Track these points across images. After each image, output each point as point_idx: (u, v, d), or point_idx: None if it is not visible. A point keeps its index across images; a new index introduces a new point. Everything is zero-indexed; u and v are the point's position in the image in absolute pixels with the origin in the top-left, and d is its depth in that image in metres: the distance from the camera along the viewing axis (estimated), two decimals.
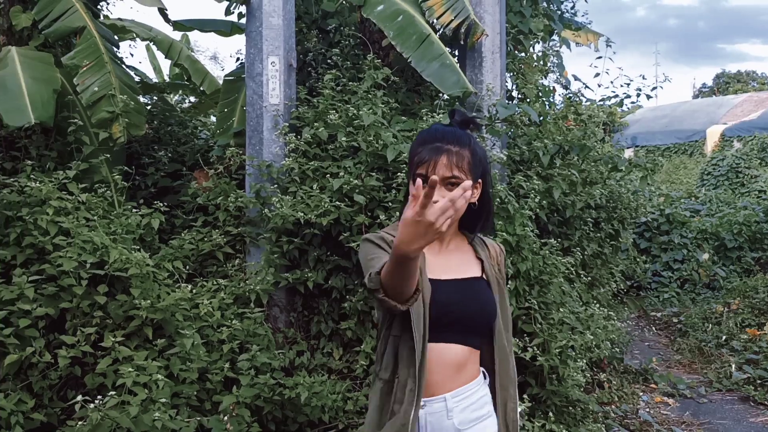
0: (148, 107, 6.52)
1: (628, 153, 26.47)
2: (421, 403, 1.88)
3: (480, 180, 1.97)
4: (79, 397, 3.07)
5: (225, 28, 6.66)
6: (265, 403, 3.80)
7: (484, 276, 2.02)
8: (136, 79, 6.36)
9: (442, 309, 1.90)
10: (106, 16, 6.35)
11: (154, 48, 9.03)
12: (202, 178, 5.50)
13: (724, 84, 47.61)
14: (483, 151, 1.99)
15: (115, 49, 5.30)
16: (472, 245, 2.07)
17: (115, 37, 5.70)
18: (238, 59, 6.30)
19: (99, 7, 5.71)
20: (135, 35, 7.26)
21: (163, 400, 3.20)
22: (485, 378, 2.05)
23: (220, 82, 7.81)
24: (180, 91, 8.83)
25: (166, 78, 9.26)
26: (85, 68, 4.81)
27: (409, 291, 1.67)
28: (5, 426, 3.15)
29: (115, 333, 3.57)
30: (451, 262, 2.00)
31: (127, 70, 5.46)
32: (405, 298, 1.68)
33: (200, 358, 3.66)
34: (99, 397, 3.09)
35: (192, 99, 8.36)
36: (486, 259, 2.04)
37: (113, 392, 3.11)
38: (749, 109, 26.68)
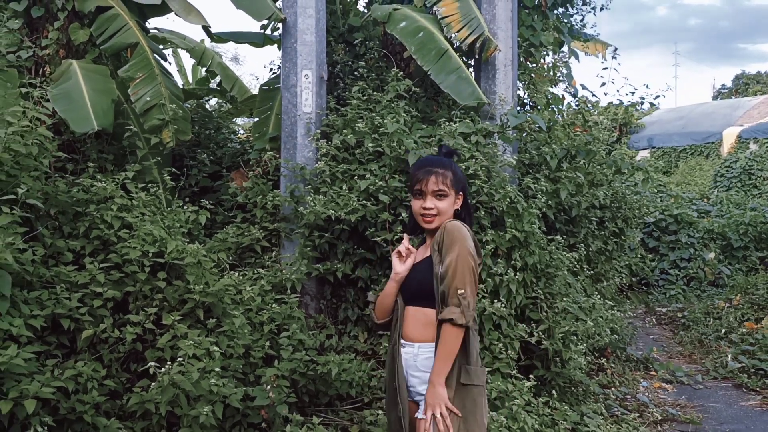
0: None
1: (645, 154, 26.78)
2: (402, 344, 2.65)
3: (461, 192, 2.70)
4: (152, 364, 3.62)
5: (258, 40, 7.23)
6: (300, 377, 4.33)
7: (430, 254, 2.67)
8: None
9: (407, 285, 2.70)
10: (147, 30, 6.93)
11: (180, 52, 9.63)
12: (239, 179, 6.06)
13: (744, 85, 47.51)
14: (462, 172, 2.74)
15: (163, 62, 5.85)
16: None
17: (163, 51, 6.25)
18: (271, 70, 6.86)
19: (147, 23, 6.26)
20: (174, 45, 7.85)
21: (217, 369, 3.74)
22: None
23: (246, 85, 8.38)
24: (212, 96, 9.39)
25: (189, 80, 9.84)
26: (138, 80, 5.38)
27: None
28: (83, 390, 3.69)
29: (171, 314, 4.11)
30: (420, 254, 2.74)
31: (173, 80, 6.00)
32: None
33: (245, 336, 4.19)
34: (168, 363, 3.64)
35: (225, 104, 8.90)
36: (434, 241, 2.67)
37: (178, 360, 3.65)
38: (766, 111, 26.82)
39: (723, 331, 7.74)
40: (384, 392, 2.70)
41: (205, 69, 8.36)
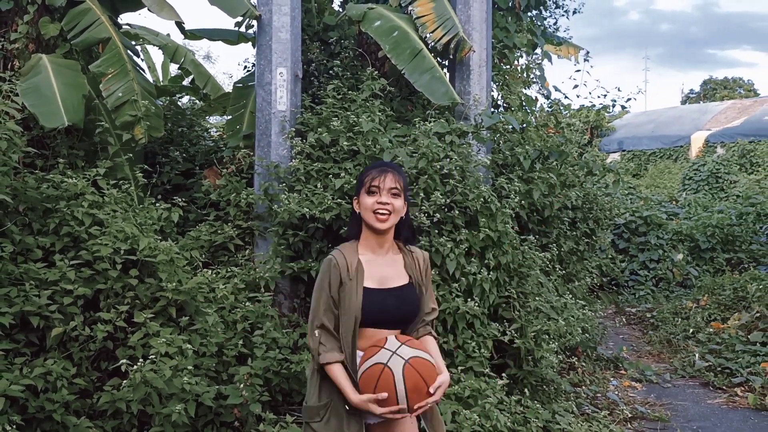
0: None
1: (615, 157, 27.14)
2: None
3: (406, 201, 2.67)
4: (124, 361, 3.58)
5: (232, 38, 7.18)
6: (273, 376, 4.30)
7: (411, 282, 2.67)
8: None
9: (381, 312, 2.57)
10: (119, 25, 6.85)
11: (150, 49, 9.51)
12: (212, 177, 6.02)
13: (711, 90, 48.40)
14: (406, 177, 2.72)
15: (135, 58, 5.79)
16: (402, 255, 2.71)
17: (135, 46, 6.18)
18: (245, 67, 6.82)
19: (119, 18, 6.19)
20: (146, 41, 7.77)
21: (190, 367, 3.71)
22: None
23: (220, 83, 8.30)
24: (184, 94, 9.29)
25: (160, 77, 9.72)
26: (110, 75, 5.32)
27: None
28: (52, 389, 3.63)
29: (143, 312, 4.06)
30: (386, 273, 2.63)
31: (146, 77, 5.93)
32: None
33: (218, 334, 4.16)
34: (140, 360, 3.60)
35: (198, 102, 8.82)
36: (411, 268, 2.69)
37: (151, 357, 3.61)
38: (732, 116, 27.37)
39: (690, 330, 7.86)
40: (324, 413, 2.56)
41: (177, 66, 8.27)
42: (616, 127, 28.98)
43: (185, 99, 9.37)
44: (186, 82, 8.62)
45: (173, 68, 11.10)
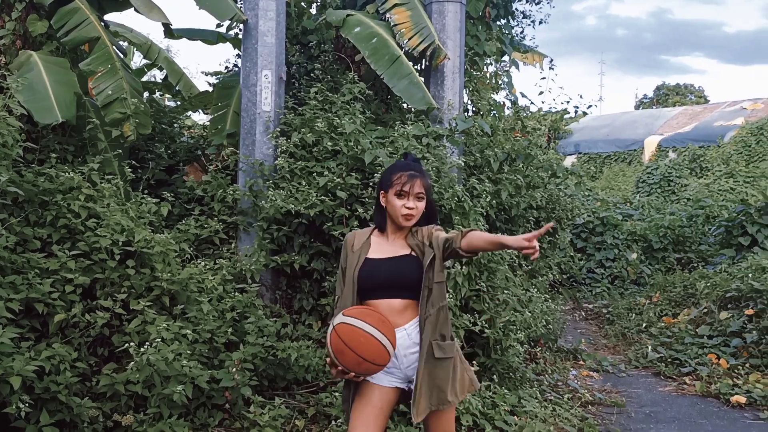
0: None
1: (571, 160, 27.86)
2: None
3: (430, 196, 3.03)
4: (131, 344, 3.82)
5: (212, 38, 7.38)
6: (261, 362, 4.57)
7: (412, 253, 2.98)
8: None
9: (380, 278, 2.91)
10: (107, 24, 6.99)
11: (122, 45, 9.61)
12: (193, 173, 6.24)
13: (664, 96, 49.79)
14: (429, 176, 3.08)
15: (123, 57, 5.97)
16: (405, 237, 3.03)
17: (123, 46, 6.36)
18: (226, 68, 7.04)
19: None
20: (124, 38, 7.91)
21: (188, 352, 3.96)
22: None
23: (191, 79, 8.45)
24: (157, 90, 9.42)
25: None
26: (99, 74, 5.50)
27: None
28: (55, 371, 3.84)
29: (139, 300, 4.29)
30: (389, 248, 2.99)
31: (133, 75, 6.12)
32: None
33: (210, 322, 4.41)
34: (146, 345, 3.84)
35: (173, 99, 8.96)
36: (414, 242, 2.99)
37: (155, 342, 3.85)
38: (684, 122, 28.34)
39: (644, 325, 8.35)
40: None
41: (151, 62, 8.40)
42: (573, 130, 29.73)
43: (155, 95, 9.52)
44: (148, 77, 8.72)
45: (136, 60, 11.22)
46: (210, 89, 8.01)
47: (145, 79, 9.33)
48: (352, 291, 2.93)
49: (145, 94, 8.09)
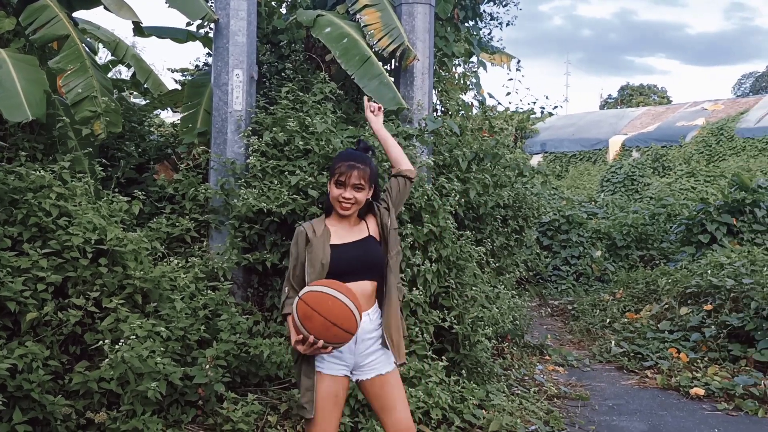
0: None
1: (538, 158, 28.24)
2: None
3: (374, 185, 3.14)
4: (105, 341, 3.84)
5: (181, 36, 7.38)
6: (233, 359, 4.62)
7: (370, 234, 3.13)
8: None
9: (351, 261, 3.01)
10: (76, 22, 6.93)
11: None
12: (163, 171, 6.24)
13: (628, 96, 50.68)
14: (375, 167, 3.18)
15: (93, 55, 5.95)
16: (364, 220, 3.19)
17: (93, 44, 6.33)
18: (196, 66, 7.04)
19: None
20: (92, 36, 7.85)
21: (162, 349, 3.99)
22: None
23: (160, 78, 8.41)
24: (125, 87, 9.35)
25: None
26: (69, 72, 5.48)
27: None
28: (28, 370, 3.84)
29: (111, 299, 4.31)
30: (349, 233, 3.10)
31: (103, 73, 6.09)
32: None
33: (183, 319, 4.45)
34: (121, 342, 3.86)
35: (136, 95, 8.89)
36: (371, 223, 3.16)
37: (130, 339, 3.88)
38: (647, 122, 28.94)
39: (607, 320, 8.57)
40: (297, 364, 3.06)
41: (119, 60, 8.35)
42: (540, 129, 30.14)
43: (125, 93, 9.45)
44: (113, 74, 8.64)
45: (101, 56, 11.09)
46: (177, 86, 7.99)
47: (110, 75, 9.25)
48: (322, 277, 2.98)
49: (114, 93, 8.05)
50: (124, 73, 15.50)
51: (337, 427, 3.02)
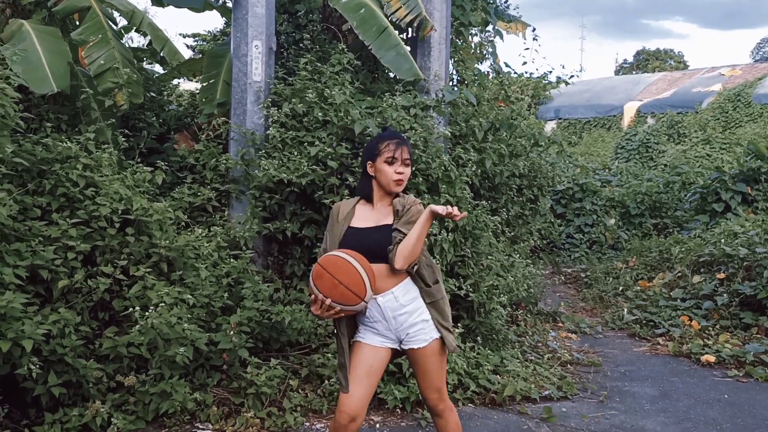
0: None
1: (552, 125, 28.08)
2: (377, 297, 3.09)
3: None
4: (136, 308, 3.99)
5: (198, 5, 7.39)
6: (256, 325, 4.77)
7: (394, 223, 3.15)
8: None
9: (363, 245, 3.05)
10: None
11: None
12: (183, 141, 6.34)
13: (644, 61, 50.05)
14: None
15: (114, 27, 6.01)
16: (392, 204, 3.21)
17: (114, 15, 6.40)
18: (215, 36, 7.08)
19: None
20: (109, 5, 7.89)
21: (188, 316, 4.14)
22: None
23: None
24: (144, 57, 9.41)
25: None
26: (91, 43, 5.56)
27: None
28: (60, 335, 4.00)
29: (138, 267, 4.45)
30: (373, 217, 3.16)
31: (124, 44, 6.16)
32: None
33: (207, 287, 4.59)
34: (151, 308, 4.01)
35: (149, 62, 8.94)
36: (401, 209, 3.16)
37: (161, 305, 4.03)
38: (663, 88, 28.66)
39: (620, 288, 8.67)
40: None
41: (135, 29, 8.40)
42: (554, 95, 29.89)
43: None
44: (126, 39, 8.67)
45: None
46: (190, 52, 8.04)
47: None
48: None
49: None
50: (136, 40, 15.53)
51: (368, 394, 3.14)
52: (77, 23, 6.47)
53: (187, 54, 8.19)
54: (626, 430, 4.52)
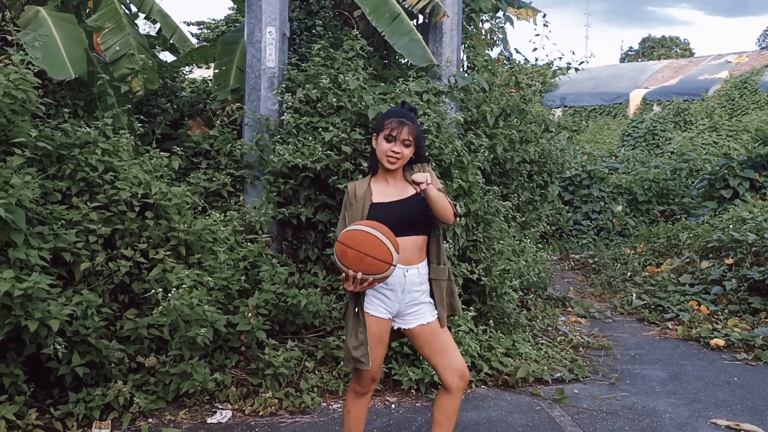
0: None
1: (558, 112, 28.05)
2: (407, 268, 3.16)
3: (418, 143, 3.22)
4: (158, 290, 4.07)
5: None
6: (272, 308, 4.84)
7: (417, 193, 3.17)
8: None
9: (393, 219, 3.09)
10: None
11: None
12: (197, 127, 6.39)
13: (649, 48, 49.86)
14: (419, 126, 3.26)
15: (129, 13, 6.06)
16: (405, 178, 3.27)
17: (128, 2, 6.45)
18: (227, 22, 7.12)
19: None
20: None
21: (207, 298, 4.21)
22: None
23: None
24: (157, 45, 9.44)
25: None
26: (107, 30, 5.61)
27: None
28: (83, 316, 4.08)
29: (158, 250, 4.52)
30: (393, 191, 3.20)
31: (139, 30, 6.21)
32: None
33: (225, 270, 4.66)
34: (173, 290, 4.08)
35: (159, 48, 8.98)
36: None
37: (182, 288, 4.10)
38: (669, 75, 28.56)
39: (628, 274, 8.73)
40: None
41: (144, 16, 8.43)
42: (559, 83, 29.81)
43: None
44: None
45: None
46: (195, 40, 8.08)
47: None
48: None
49: None
50: (141, 27, 15.52)
51: (383, 357, 3.25)
52: (89, 10, 6.52)
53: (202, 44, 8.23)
54: (638, 411, 4.59)
